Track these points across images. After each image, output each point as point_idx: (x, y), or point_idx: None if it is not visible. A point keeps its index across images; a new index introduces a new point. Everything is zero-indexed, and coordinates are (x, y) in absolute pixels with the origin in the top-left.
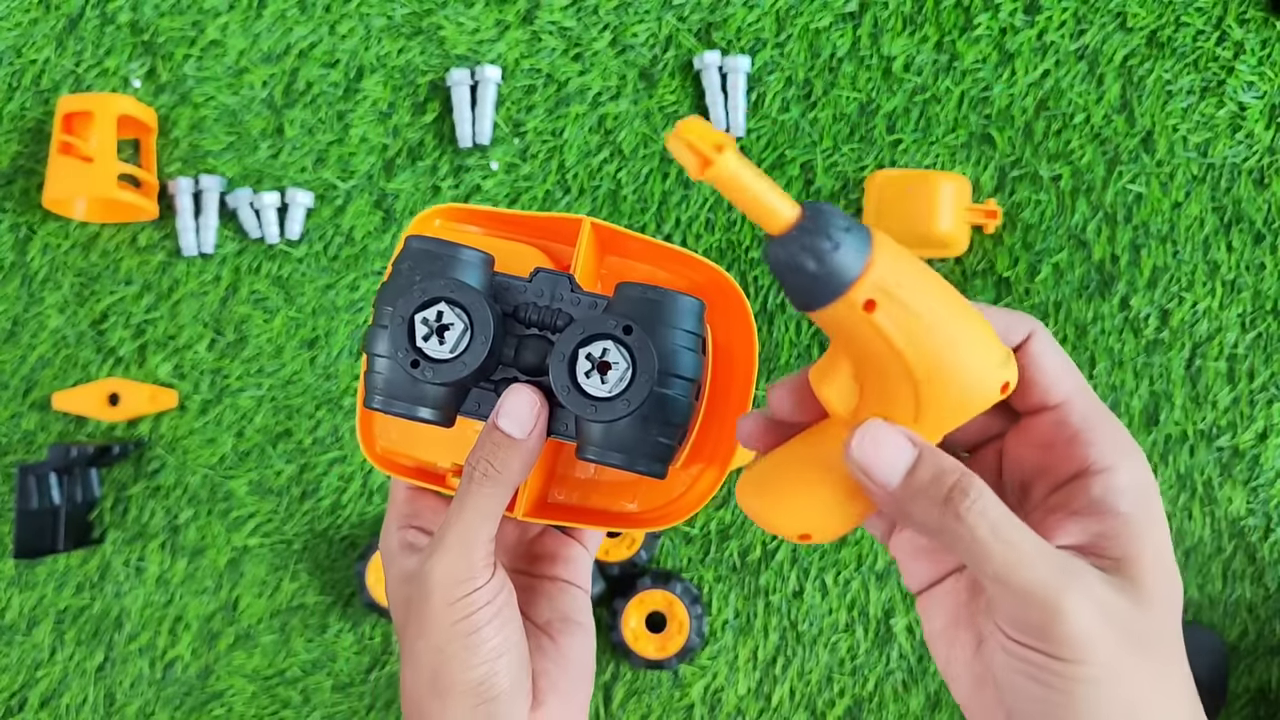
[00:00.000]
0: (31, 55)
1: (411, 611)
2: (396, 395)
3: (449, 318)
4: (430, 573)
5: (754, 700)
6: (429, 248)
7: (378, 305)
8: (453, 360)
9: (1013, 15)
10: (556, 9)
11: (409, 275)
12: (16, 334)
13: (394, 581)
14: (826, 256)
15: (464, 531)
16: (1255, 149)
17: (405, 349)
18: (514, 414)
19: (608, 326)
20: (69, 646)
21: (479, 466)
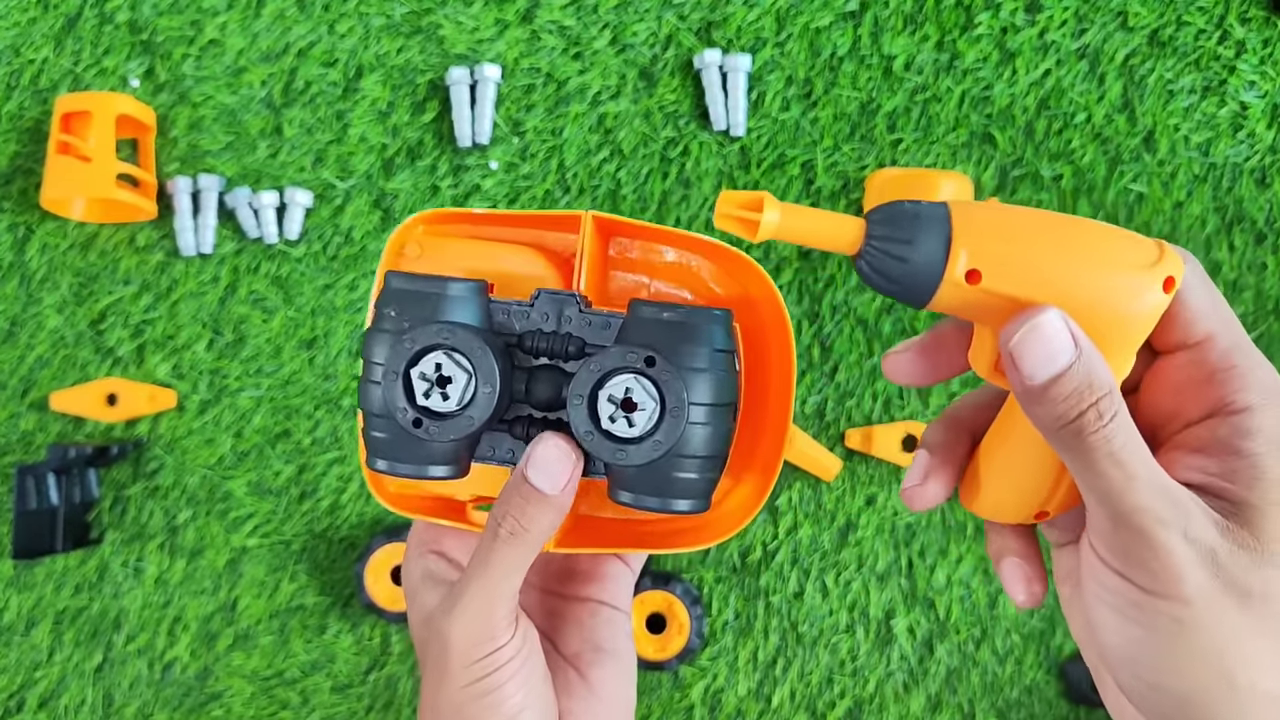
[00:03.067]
0: (30, 54)
1: (430, 658)
2: (401, 456)
3: (449, 369)
4: (449, 632)
5: (754, 701)
6: (412, 287)
7: (366, 358)
8: (459, 414)
9: (1014, 14)
10: (556, 8)
11: (396, 322)
12: (15, 334)
13: (415, 615)
14: (907, 254)
15: (486, 589)
16: (1257, 148)
17: (404, 409)
18: (546, 467)
19: (628, 360)
20: (67, 647)
21: (505, 523)
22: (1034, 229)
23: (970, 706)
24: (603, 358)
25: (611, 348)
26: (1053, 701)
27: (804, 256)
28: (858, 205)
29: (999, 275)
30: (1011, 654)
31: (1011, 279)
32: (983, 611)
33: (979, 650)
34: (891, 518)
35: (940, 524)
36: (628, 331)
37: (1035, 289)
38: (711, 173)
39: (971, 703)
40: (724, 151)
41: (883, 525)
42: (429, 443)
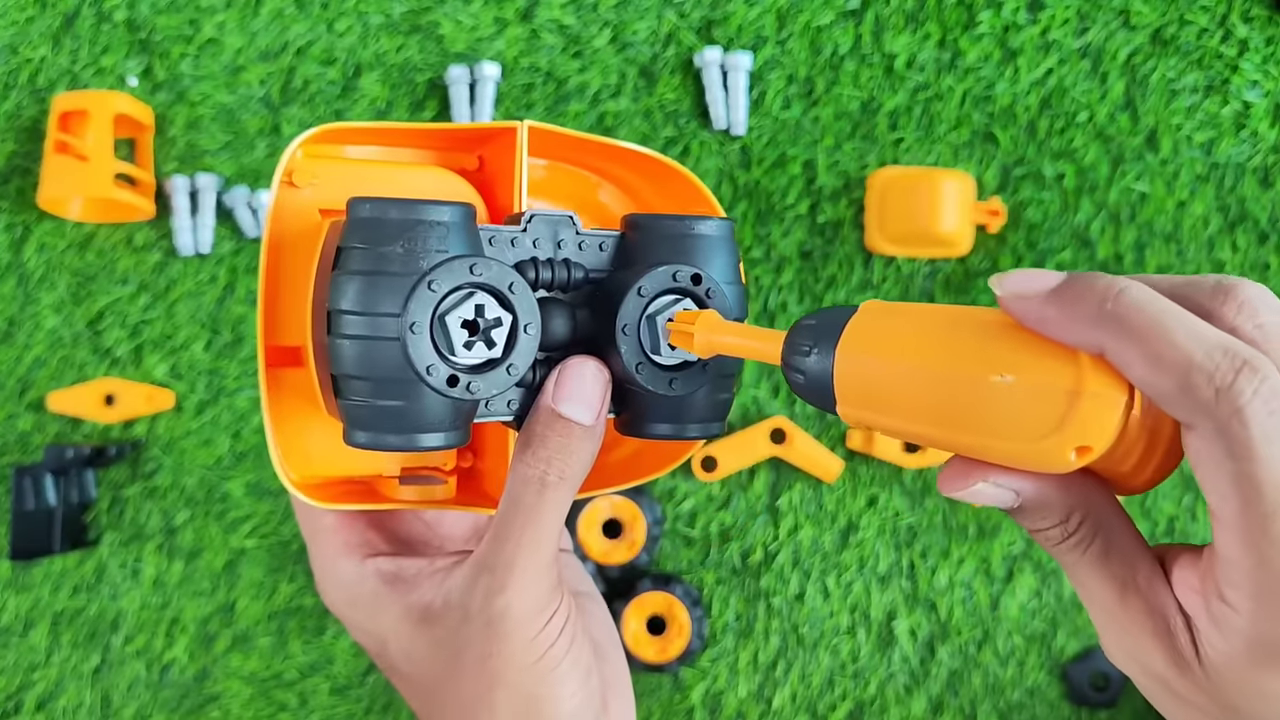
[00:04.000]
0: (27, 53)
1: (467, 664)
2: (389, 426)
3: (492, 310)
4: (508, 608)
5: (755, 703)
6: (389, 214)
7: (343, 309)
8: (498, 365)
9: (1016, 13)
10: (556, 6)
11: (406, 260)
12: (12, 334)
13: (380, 625)
14: (803, 383)
15: (539, 548)
16: (1260, 148)
17: (433, 365)
18: (580, 394)
19: (677, 281)
20: (65, 649)
21: (552, 468)
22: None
23: (972, 708)
24: (648, 281)
25: (652, 269)
26: (1055, 703)
27: (804, 256)
28: (859, 204)
29: (885, 425)
30: (1013, 656)
31: (893, 426)
32: (984, 613)
33: (981, 652)
34: (893, 519)
35: (942, 525)
36: (636, 250)
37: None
38: (712, 172)
39: (973, 705)
40: (725, 150)
41: (884, 526)
42: (447, 403)
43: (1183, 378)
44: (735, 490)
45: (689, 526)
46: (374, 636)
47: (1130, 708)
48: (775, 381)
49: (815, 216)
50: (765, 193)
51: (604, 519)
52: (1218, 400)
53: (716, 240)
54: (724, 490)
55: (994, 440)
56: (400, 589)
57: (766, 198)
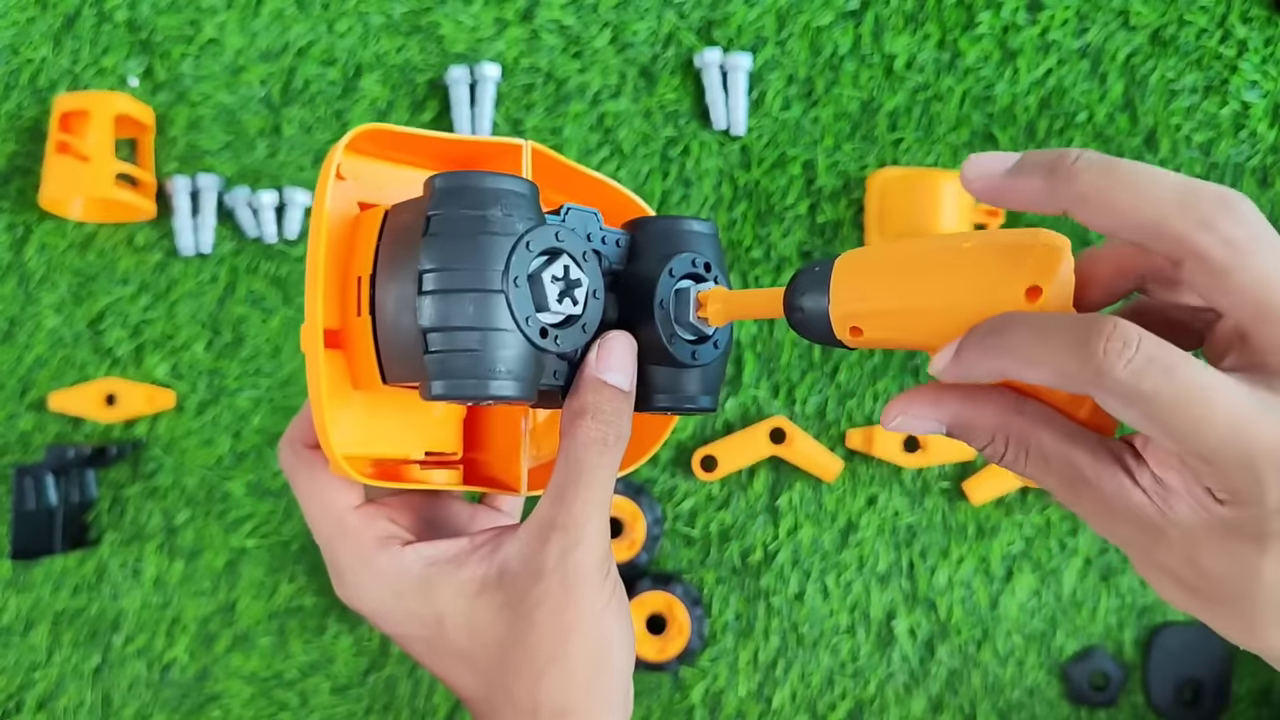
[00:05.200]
0: (28, 54)
1: (540, 620)
2: (477, 373)
3: (575, 272)
4: (582, 565)
5: (755, 703)
6: (485, 184)
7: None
8: (575, 322)
9: (1015, 13)
10: (556, 6)
11: (505, 222)
12: (13, 334)
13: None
14: (803, 320)
15: (602, 510)
16: (1259, 148)
17: (531, 315)
18: (620, 364)
19: (694, 267)
20: (66, 648)
21: (610, 430)
22: (892, 277)
23: (971, 708)
24: (676, 264)
25: (676, 255)
26: (1054, 702)
27: (804, 256)
28: (859, 204)
29: (873, 329)
30: (1013, 655)
31: (883, 331)
32: (984, 612)
33: (980, 651)
34: (892, 519)
35: (941, 525)
36: (642, 246)
37: (906, 336)
38: (712, 172)
39: (973, 704)
40: (724, 151)
41: (884, 526)
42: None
43: (1059, 364)
44: (735, 490)
45: (689, 526)
46: (426, 620)
47: (1130, 706)
48: (775, 381)
49: (815, 216)
50: (765, 193)
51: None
52: (1092, 368)
53: (709, 236)
54: (724, 490)
55: (962, 298)
56: (449, 568)
57: (766, 198)
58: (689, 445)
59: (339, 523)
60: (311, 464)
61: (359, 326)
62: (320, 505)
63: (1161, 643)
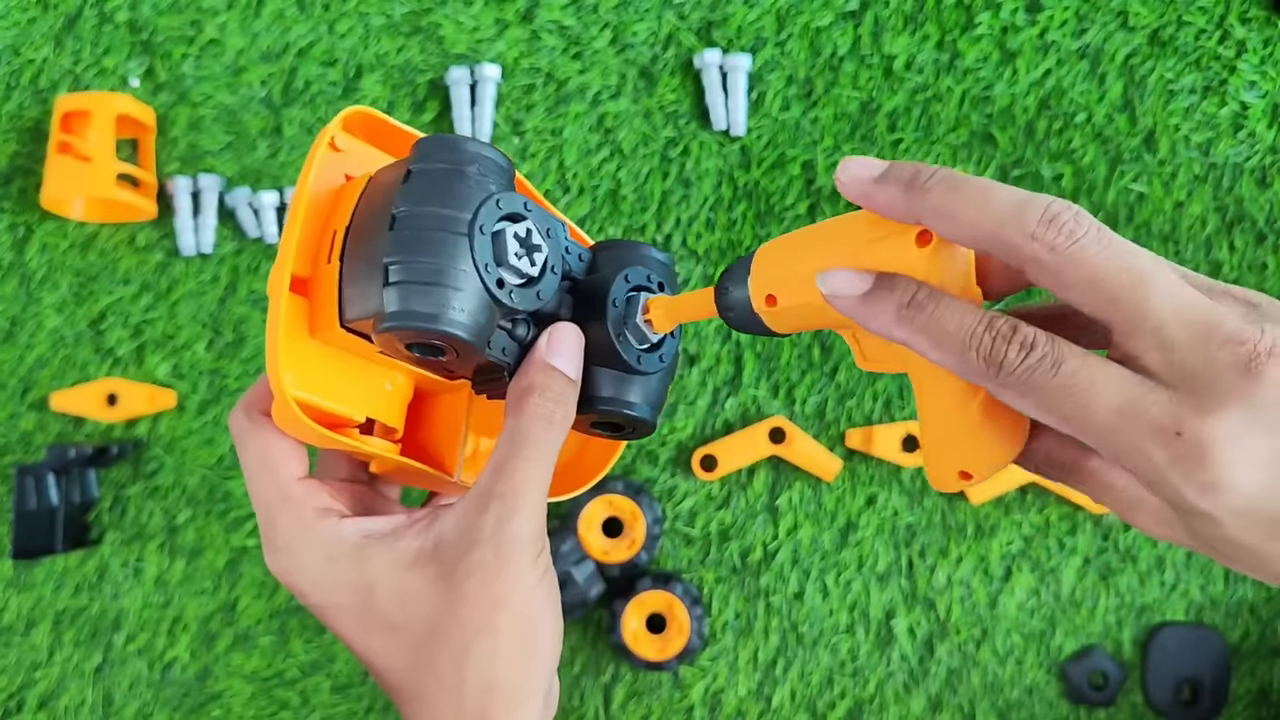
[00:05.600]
0: (29, 54)
1: (470, 591)
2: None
3: (536, 238)
4: (517, 535)
5: (754, 702)
6: (466, 145)
7: (406, 212)
8: (531, 285)
9: (1014, 14)
10: (556, 7)
11: (481, 181)
12: (14, 334)
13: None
14: (727, 298)
15: (541, 483)
16: (1257, 148)
17: (490, 264)
18: (568, 352)
19: (649, 280)
20: (67, 647)
21: (558, 409)
22: (802, 245)
23: (970, 707)
24: (630, 272)
25: (631, 267)
26: (1053, 702)
27: None
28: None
29: (786, 295)
30: (1012, 654)
31: (794, 292)
32: (983, 612)
33: (979, 650)
34: (892, 518)
35: (941, 524)
36: (602, 263)
37: (815, 297)
38: (712, 172)
39: (972, 703)
40: (724, 151)
41: (883, 525)
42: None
43: (958, 352)
44: (735, 490)
45: (689, 525)
46: (357, 588)
47: (1128, 705)
48: (775, 381)
49: (815, 217)
50: (765, 193)
51: (604, 518)
52: (986, 365)
53: (666, 265)
54: (723, 489)
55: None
56: (385, 539)
57: (766, 198)
58: (689, 445)
59: (282, 490)
60: (264, 429)
61: (327, 273)
62: (266, 470)
63: (1160, 642)
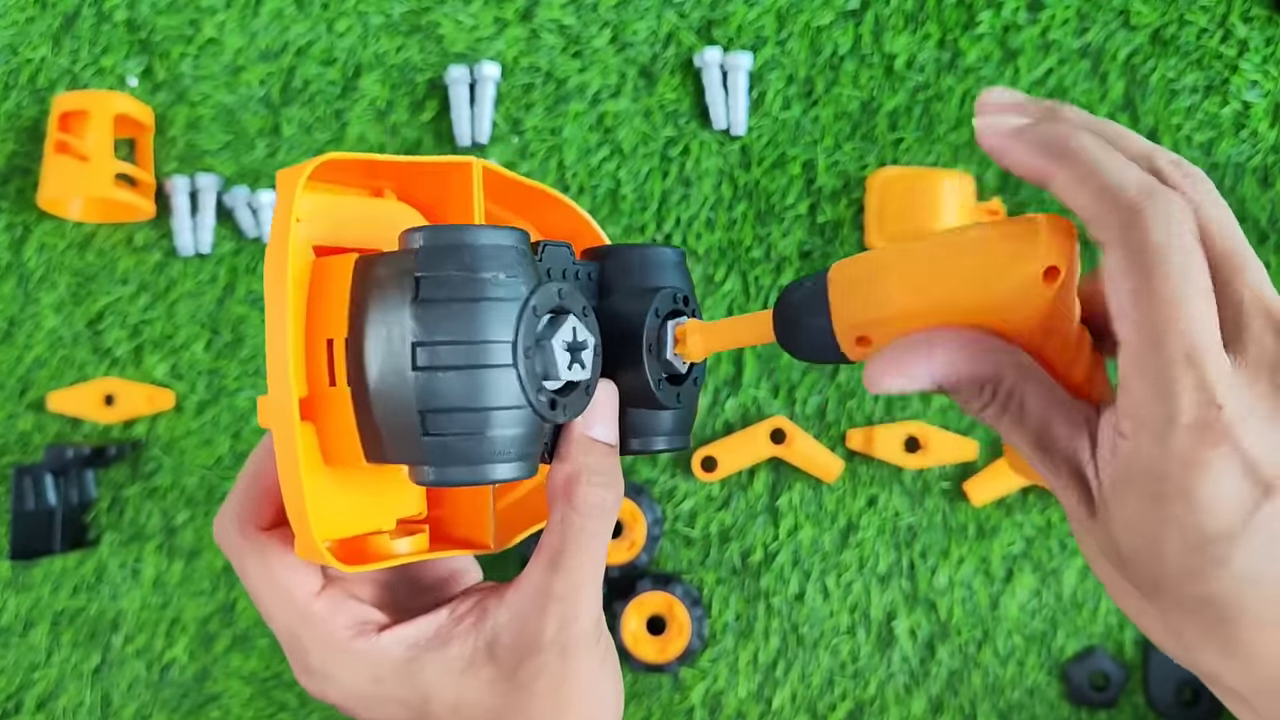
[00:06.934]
0: (27, 53)
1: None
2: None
3: (581, 333)
4: (581, 636)
5: (755, 703)
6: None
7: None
8: (577, 387)
9: (1015, 13)
10: (556, 6)
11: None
12: (12, 334)
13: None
14: (801, 334)
15: (598, 577)
16: (1259, 148)
17: (541, 387)
18: (608, 419)
19: (675, 303)
20: (65, 648)
21: (610, 493)
22: (902, 275)
23: (972, 708)
24: (659, 302)
25: (659, 290)
26: (1054, 703)
27: (804, 256)
28: (859, 204)
29: (884, 336)
30: (1013, 655)
31: (894, 334)
32: (984, 613)
33: (980, 652)
34: (893, 519)
35: (942, 525)
36: (609, 278)
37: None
38: (712, 172)
39: (973, 704)
40: (724, 150)
41: (884, 526)
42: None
43: (1100, 196)
44: (735, 490)
45: (689, 526)
46: (410, 703)
47: (1130, 707)
48: (775, 381)
49: (815, 216)
50: (765, 193)
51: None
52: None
53: (679, 265)
54: (724, 490)
55: (976, 288)
56: (433, 646)
57: (766, 198)
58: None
59: (303, 613)
60: (265, 549)
61: (333, 398)
62: (279, 595)
63: None
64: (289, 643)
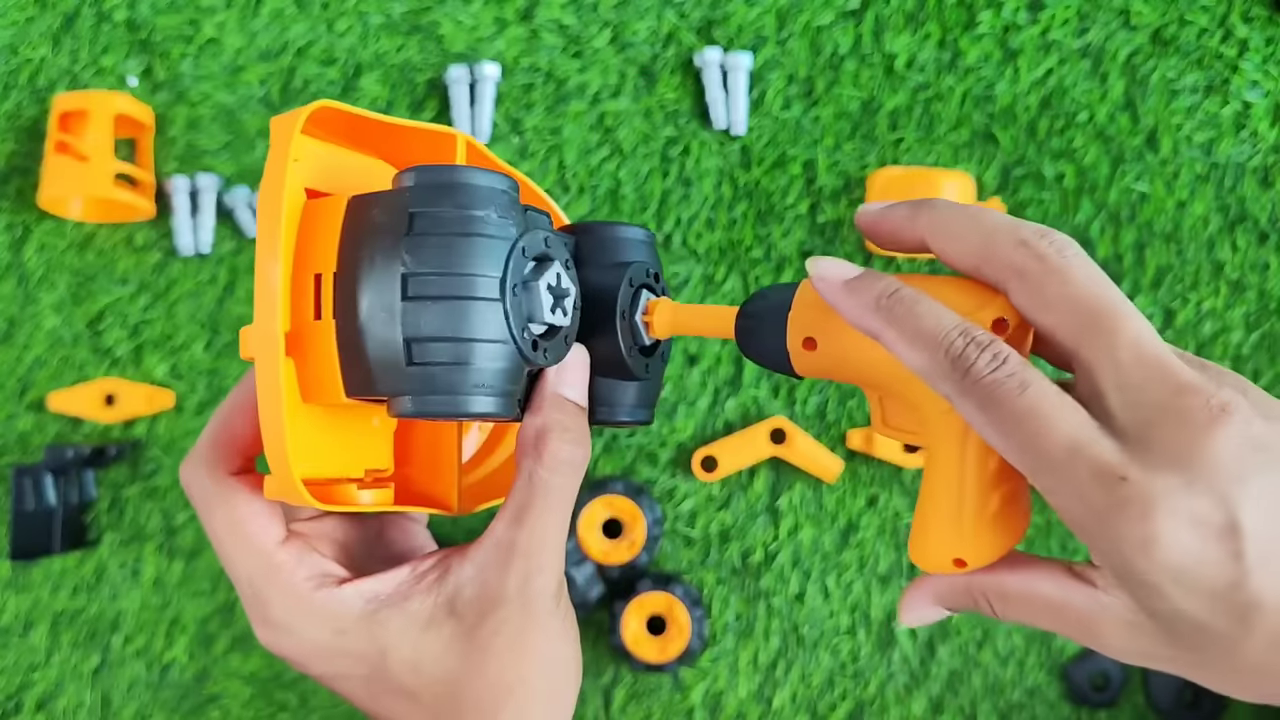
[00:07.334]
0: (27, 53)
1: (498, 648)
2: (458, 388)
3: (565, 280)
4: (545, 589)
5: (755, 704)
6: (476, 180)
7: (419, 275)
8: (557, 333)
9: (1016, 13)
10: (556, 6)
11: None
12: (12, 334)
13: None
14: (755, 324)
15: (563, 533)
16: (1260, 147)
17: (526, 326)
18: (579, 380)
19: (647, 278)
20: (65, 649)
21: (569, 454)
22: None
23: (972, 708)
24: (633, 273)
25: (632, 263)
26: (1054, 703)
27: (804, 256)
28: (859, 204)
29: (831, 339)
30: (1013, 656)
31: (840, 342)
32: None
33: (981, 652)
34: (893, 519)
35: None
36: (584, 252)
37: (859, 354)
38: (712, 172)
39: (973, 705)
40: (724, 150)
41: (884, 526)
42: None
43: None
44: (735, 490)
45: (689, 526)
46: (368, 657)
47: (1130, 707)
48: (775, 382)
49: (815, 216)
50: (765, 193)
51: (604, 519)
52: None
53: (649, 245)
54: (724, 490)
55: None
56: (392, 601)
57: (766, 198)
58: (689, 446)
59: (266, 561)
60: (233, 493)
61: (316, 331)
62: (243, 542)
63: None
64: (249, 593)
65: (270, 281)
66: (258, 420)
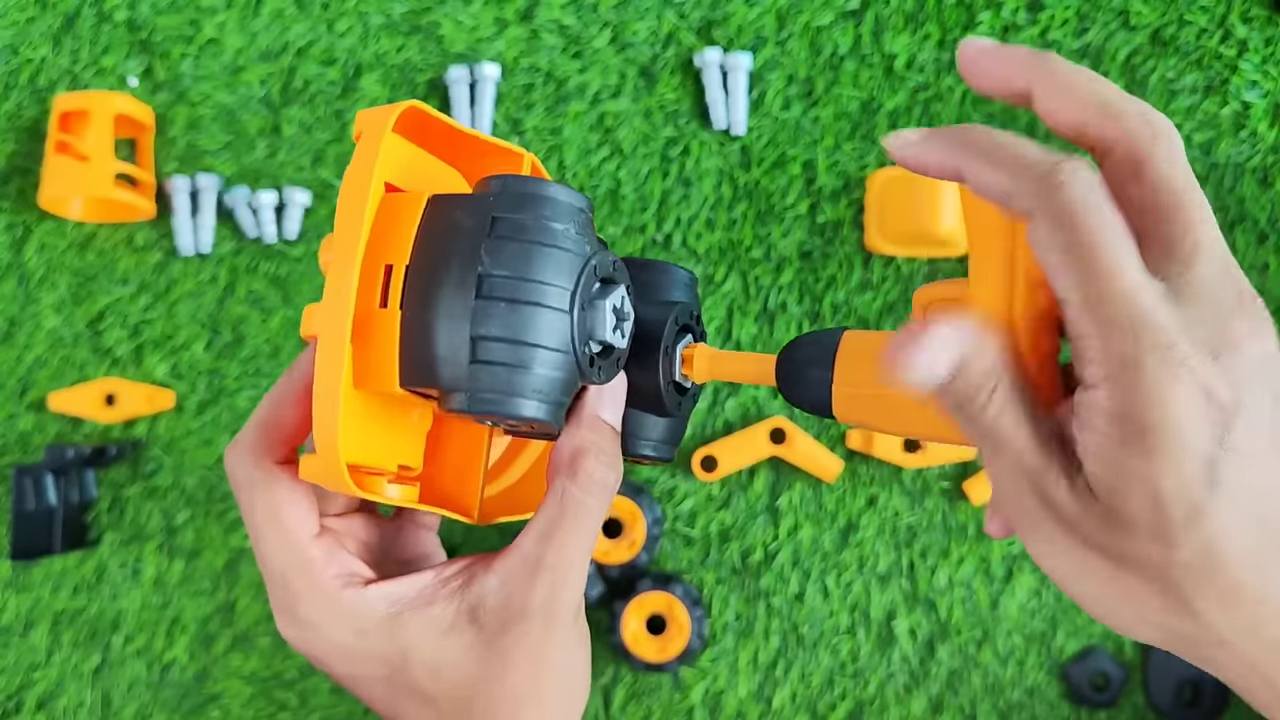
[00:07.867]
0: (28, 54)
1: (518, 660)
2: (515, 390)
3: (627, 305)
4: (568, 605)
5: (755, 703)
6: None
7: (495, 275)
8: (610, 354)
9: (1015, 13)
10: (556, 6)
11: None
12: (12, 334)
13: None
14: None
15: (589, 550)
16: (1259, 148)
17: (590, 340)
18: (617, 405)
19: (691, 318)
20: (65, 648)
21: (603, 475)
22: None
23: (972, 708)
24: (679, 312)
25: (679, 302)
26: (1054, 703)
27: (804, 256)
28: (859, 204)
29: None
30: (1013, 655)
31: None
32: (984, 613)
33: (980, 652)
34: (893, 519)
35: (942, 525)
36: (645, 292)
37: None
38: (712, 172)
39: (973, 704)
40: (724, 151)
41: (884, 526)
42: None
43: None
44: (735, 490)
45: (689, 526)
46: (389, 659)
47: (1130, 707)
48: None
49: (815, 216)
50: (765, 193)
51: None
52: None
53: (693, 287)
54: (724, 490)
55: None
56: (415, 605)
57: (766, 198)
58: (689, 446)
59: (299, 553)
60: (275, 480)
61: (380, 319)
62: (279, 530)
63: None
64: (279, 587)
65: (348, 267)
66: (305, 410)
